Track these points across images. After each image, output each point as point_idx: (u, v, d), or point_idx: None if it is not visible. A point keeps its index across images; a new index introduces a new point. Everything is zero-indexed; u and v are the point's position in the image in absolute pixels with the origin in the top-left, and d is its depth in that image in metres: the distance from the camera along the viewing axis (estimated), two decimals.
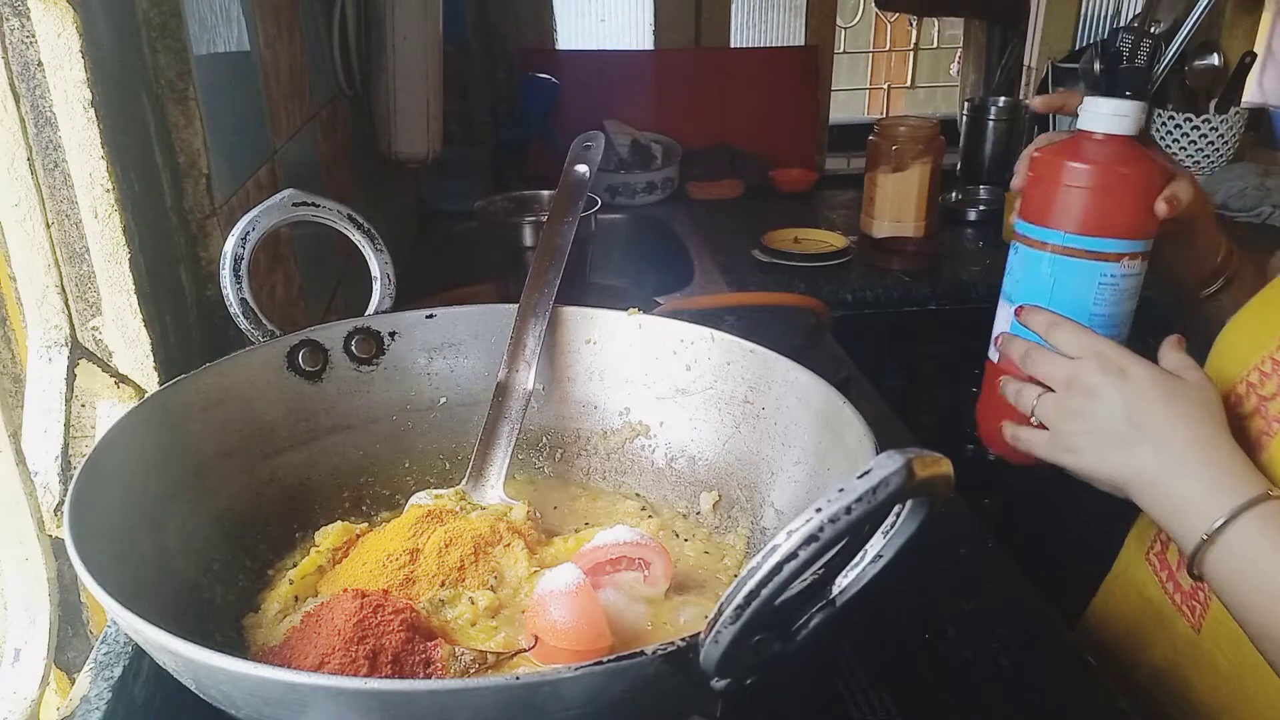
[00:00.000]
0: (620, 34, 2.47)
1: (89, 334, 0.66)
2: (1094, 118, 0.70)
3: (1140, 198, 0.69)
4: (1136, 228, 0.70)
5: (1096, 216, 0.70)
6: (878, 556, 0.40)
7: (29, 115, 0.59)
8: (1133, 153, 0.69)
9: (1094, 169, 0.69)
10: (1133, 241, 0.70)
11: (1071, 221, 0.70)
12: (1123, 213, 0.69)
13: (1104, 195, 0.69)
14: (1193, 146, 1.98)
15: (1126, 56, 1.98)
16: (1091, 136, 0.70)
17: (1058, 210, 0.71)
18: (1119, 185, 0.69)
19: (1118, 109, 0.69)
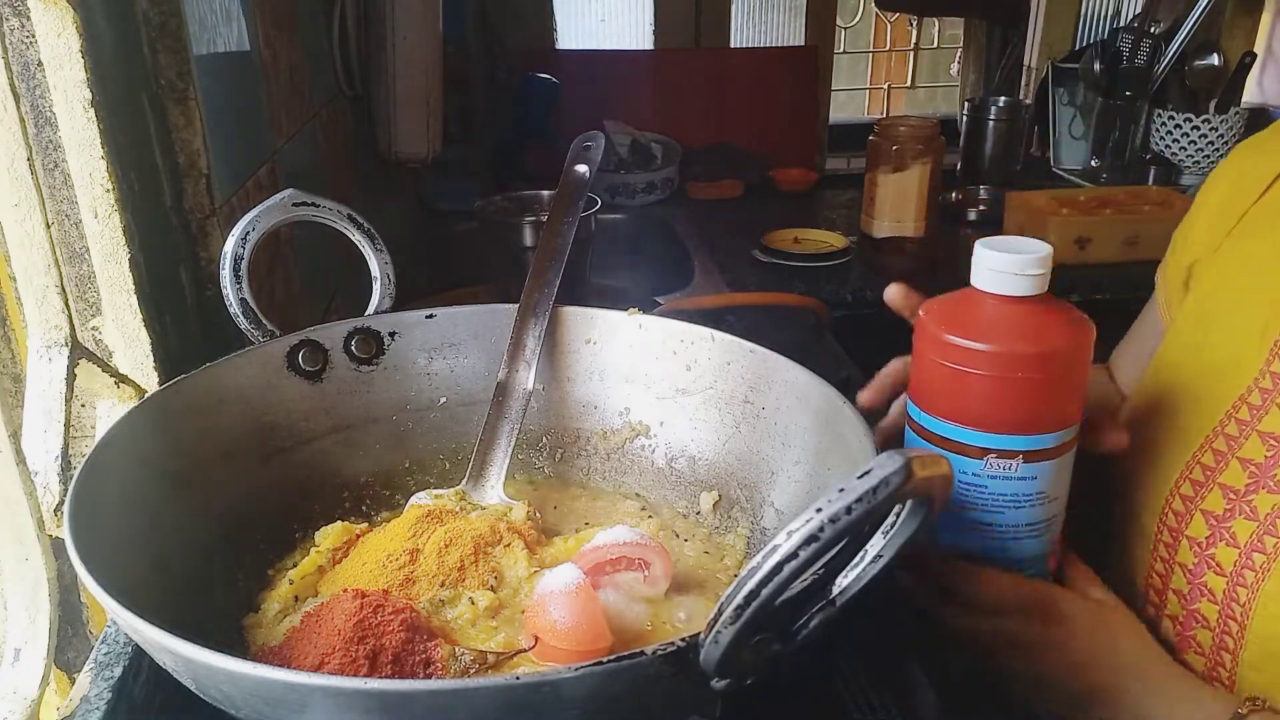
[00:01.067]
0: (620, 34, 2.48)
1: (89, 334, 0.66)
2: (977, 272, 0.55)
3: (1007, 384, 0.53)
4: (1012, 420, 0.54)
5: (935, 389, 0.56)
6: (878, 556, 0.40)
7: (29, 115, 0.59)
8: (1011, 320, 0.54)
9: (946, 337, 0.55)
10: (1004, 436, 0.54)
11: (925, 400, 0.57)
12: (980, 399, 0.54)
13: (953, 373, 0.55)
14: (1192, 146, 1.98)
15: (1126, 56, 1.98)
16: (973, 295, 0.55)
17: (913, 383, 0.58)
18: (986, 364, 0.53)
19: (999, 264, 0.53)
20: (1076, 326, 0.55)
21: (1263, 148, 0.74)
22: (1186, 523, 0.63)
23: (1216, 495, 0.61)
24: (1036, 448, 0.55)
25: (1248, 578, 0.58)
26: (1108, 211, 1.63)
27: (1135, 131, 2.04)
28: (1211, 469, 0.62)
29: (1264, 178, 0.70)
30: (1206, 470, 0.62)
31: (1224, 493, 0.61)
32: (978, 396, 0.54)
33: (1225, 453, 0.61)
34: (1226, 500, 0.61)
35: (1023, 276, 0.53)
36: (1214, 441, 0.62)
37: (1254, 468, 0.60)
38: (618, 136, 2.04)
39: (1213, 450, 0.62)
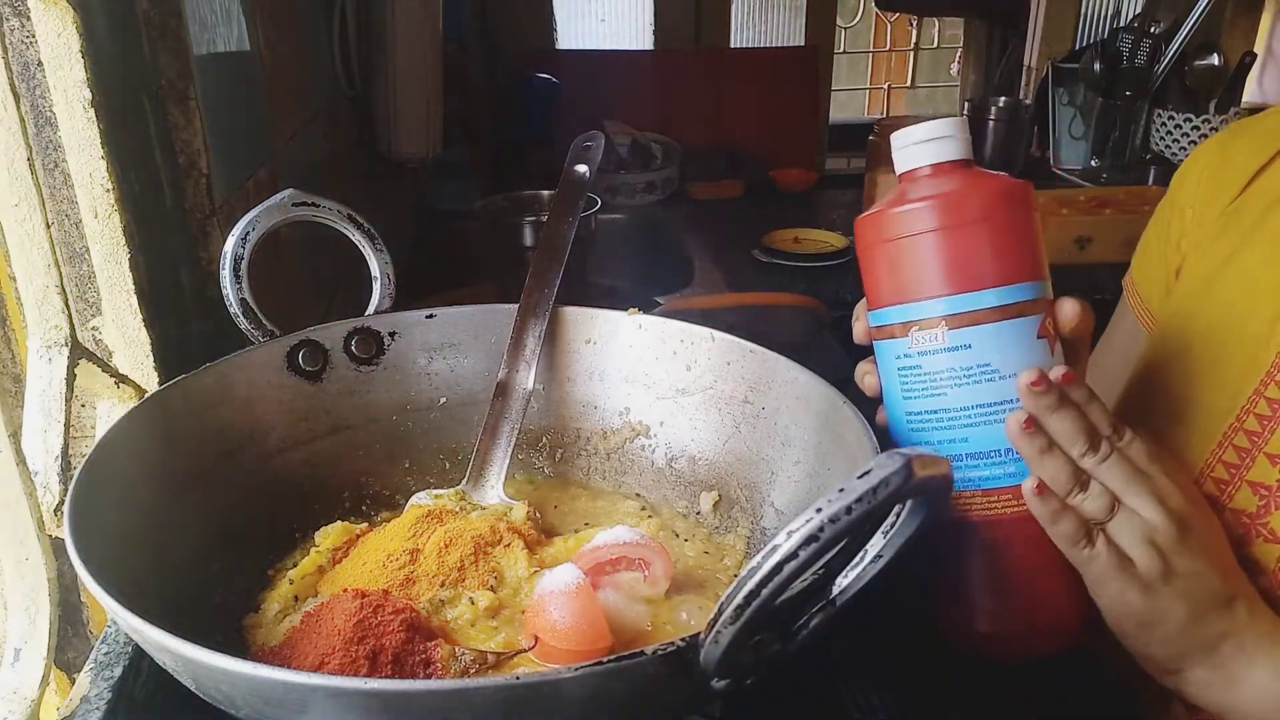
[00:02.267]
0: (620, 34, 2.48)
1: (89, 334, 0.66)
2: (899, 153, 0.54)
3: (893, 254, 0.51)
4: (932, 282, 0.51)
5: (869, 282, 0.54)
6: (878, 556, 0.40)
7: (29, 115, 0.59)
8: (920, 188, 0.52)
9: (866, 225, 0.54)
10: (923, 303, 0.51)
11: (870, 302, 0.54)
12: (899, 270, 0.52)
13: (872, 255, 0.53)
14: (1192, 146, 1.98)
15: (1126, 56, 1.98)
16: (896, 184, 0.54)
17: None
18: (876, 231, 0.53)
19: (900, 140, 0.53)
20: (996, 180, 0.51)
21: (1230, 145, 0.71)
22: None
23: (1230, 518, 0.59)
24: (960, 310, 0.50)
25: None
26: (1108, 211, 1.63)
27: (1135, 131, 2.04)
28: (1225, 482, 0.60)
29: (1241, 173, 0.68)
30: (1220, 484, 0.60)
31: (1236, 516, 0.59)
32: (896, 269, 0.52)
33: (1238, 465, 0.59)
34: (1240, 523, 0.59)
35: (923, 144, 0.52)
36: (1222, 454, 0.60)
37: (1264, 490, 0.58)
38: (618, 136, 2.04)
39: (1223, 464, 0.60)
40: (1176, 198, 0.74)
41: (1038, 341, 0.51)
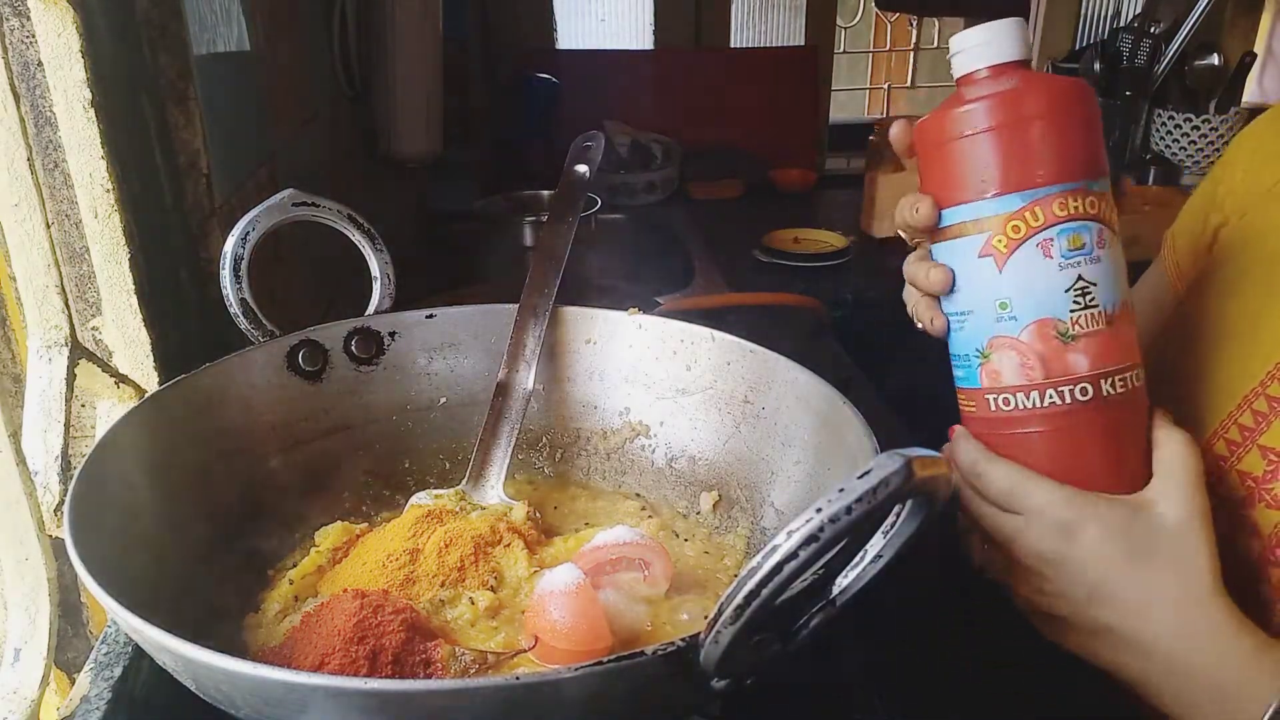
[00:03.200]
0: (620, 34, 2.48)
1: (89, 334, 0.66)
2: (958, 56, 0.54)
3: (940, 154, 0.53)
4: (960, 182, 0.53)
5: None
6: (878, 556, 0.40)
7: (29, 115, 0.59)
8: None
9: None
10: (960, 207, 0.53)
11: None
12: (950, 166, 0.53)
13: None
14: (1192, 146, 1.98)
15: (1126, 56, 1.98)
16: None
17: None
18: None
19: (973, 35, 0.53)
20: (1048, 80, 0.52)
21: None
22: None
23: (1235, 478, 0.59)
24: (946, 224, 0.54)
25: (1273, 575, 0.55)
26: None
27: (1135, 131, 2.04)
28: (1237, 444, 0.59)
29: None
30: (1232, 445, 0.59)
31: (1241, 478, 0.59)
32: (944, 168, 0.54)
33: (1253, 429, 0.59)
34: (1244, 485, 0.58)
35: (962, 54, 0.53)
36: (1240, 417, 0.59)
37: (1274, 456, 0.57)
38: (618, 136, 2.04)
39: (1238, 425, 0.59)
40: (1235, 158, 0.71)
41: (980, 260, 0.53)
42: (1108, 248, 0.52)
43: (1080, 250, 0.52)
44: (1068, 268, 0.52)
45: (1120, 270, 0.53)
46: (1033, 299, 0.52)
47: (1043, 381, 0.53)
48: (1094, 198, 0.52)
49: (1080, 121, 0.52)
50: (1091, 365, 0.52)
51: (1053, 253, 0.52)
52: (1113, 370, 0.52)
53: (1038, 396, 0.53)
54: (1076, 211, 0.51)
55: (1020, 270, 0.52)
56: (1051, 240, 0.52)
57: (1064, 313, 0.52)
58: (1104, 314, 0.52)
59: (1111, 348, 0.52)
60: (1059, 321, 0.52)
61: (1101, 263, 0.52)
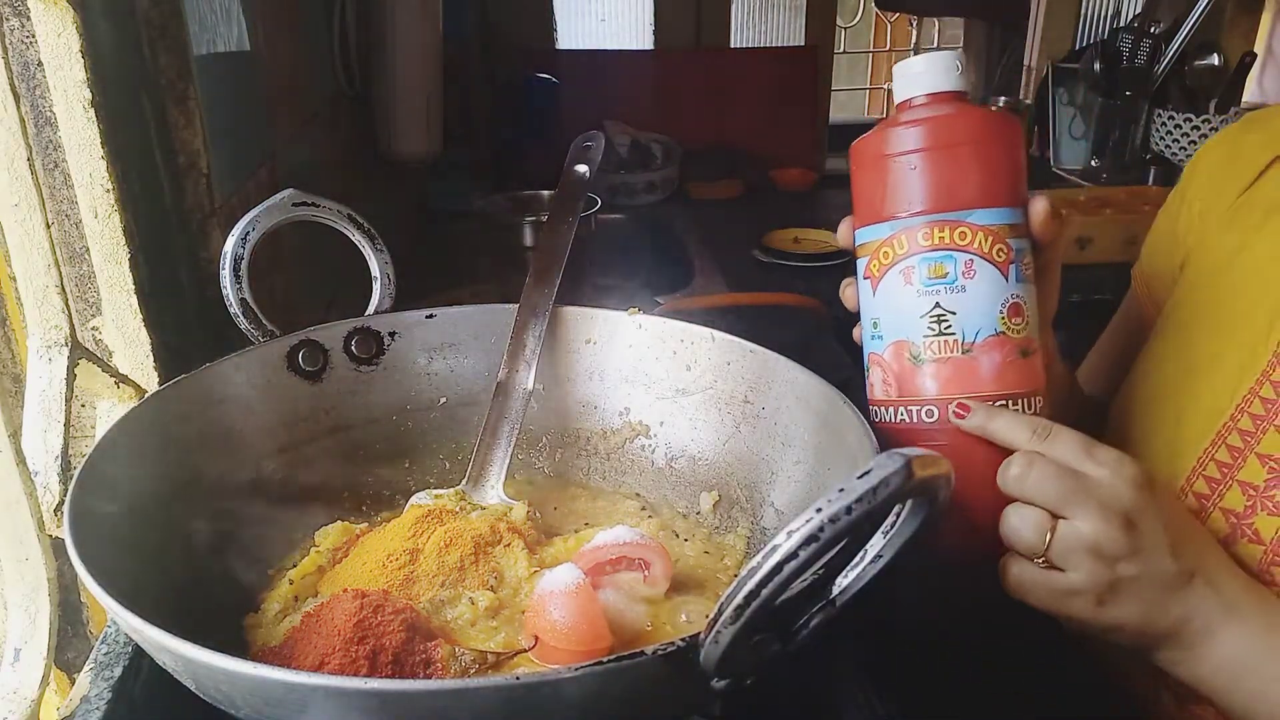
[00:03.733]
0: (620, 34, 2.48)
1: (89, 334, 0.66)
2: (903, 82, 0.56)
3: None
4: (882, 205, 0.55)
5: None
6: (878, 556, 0.40)
7: (29, 115, 0.59)
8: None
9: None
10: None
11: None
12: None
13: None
14: (1192, 146, 1.98)
15: (1126, 56, 1.98)
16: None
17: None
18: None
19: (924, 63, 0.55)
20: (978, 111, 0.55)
21: (1241, 138, 0.70)
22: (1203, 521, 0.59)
23: (1219, 517, 0.59)
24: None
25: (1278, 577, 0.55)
26: (1108, 211, 1.63)
27: (1135, 131, 2.04)
28: (1216, 481, 0.59)
29: (1252, 167, 0.67)
30: (1211, 482, 0.59)
31: (1225, 515, 0.58)
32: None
33: (1230, 465, 0.59)
34: (1228, 523, 0.58)
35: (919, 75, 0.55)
36: (1215, 453, 0.59)
37: (1251, 490, 0.57)
38: (618, 136, 2.04)
39: (1215, 462, 0.59)
40: (1186, 189, 0.73)
41: (864, 281, 0.58)
42: (978, 279, 0.53)
43: (942, 279, 0.53)
44: (926, 294, 0.54)
45: (993, 301, 0.54)
46: (894, 321, 0.55)
47: (896, 399, 0.56)
48: (968, 229, 0.53)
49: (967, 155, 0.53)
50: (939, 390, 0.54)
51: (913, 279, 0.54)
52: (963, 395, 0.54)
53: (892, 413, 0.56)
54: (941, 242, 0.53)
55: (887, 293, 0.55)
56: (913, 268, 0.54)
57: (918, 336, 0.54)
58: (959, 342, 0.54)
59: (964, 375, 0.54)
60: (912, 344, 0.55)
61: (966, 292, 0.53)
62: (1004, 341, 0.54)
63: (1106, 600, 0.50)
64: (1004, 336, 0.54)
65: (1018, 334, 0.54)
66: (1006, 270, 0.54)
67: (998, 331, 0.54)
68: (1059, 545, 0.50)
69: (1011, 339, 0.54)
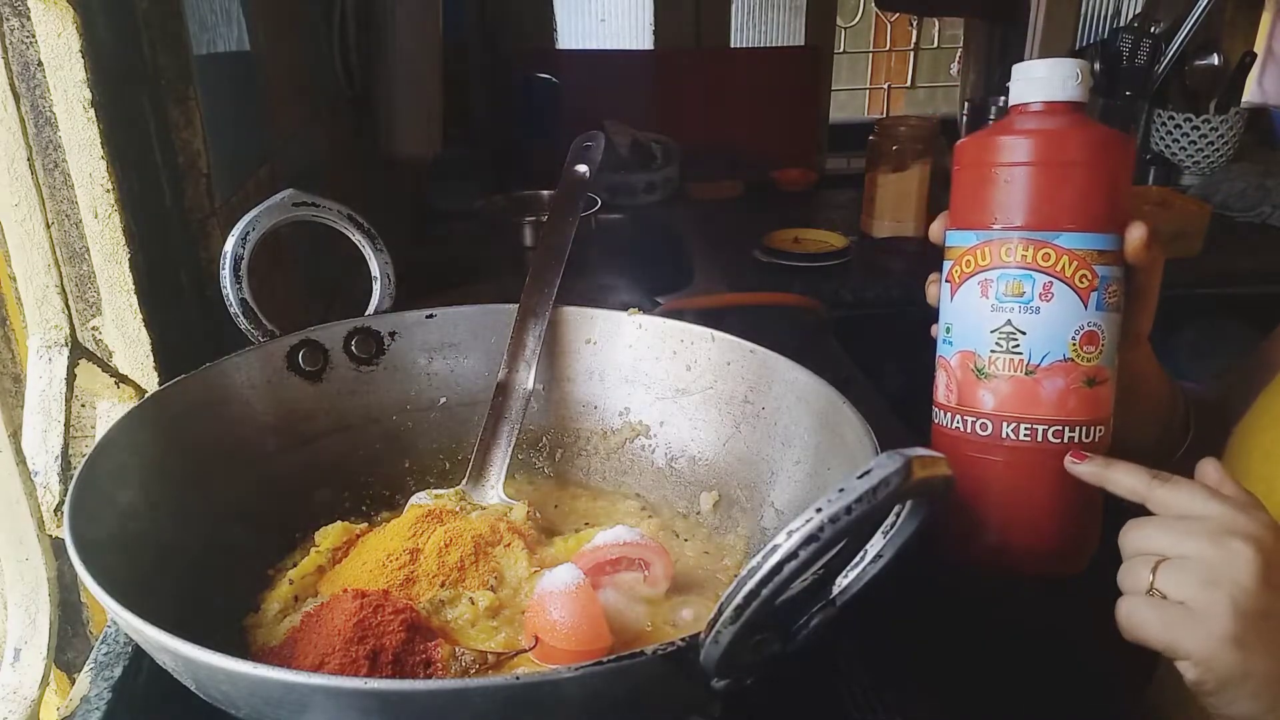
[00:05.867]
0: (620, 34, 2.48)
1: (89, 334, 0.66)
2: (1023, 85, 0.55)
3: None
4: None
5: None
6: (878, 556, 0.40)
7: (29, 115, 0.59)
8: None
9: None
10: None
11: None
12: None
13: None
14: (1192, 146, 1.98)
15: (1126, 56, 1.98)
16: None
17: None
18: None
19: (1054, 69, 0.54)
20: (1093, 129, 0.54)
21: None
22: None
23: None
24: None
25: None
26: None
27: (1135, 131, 2.04)
28: None
29: None
30: None
31: None
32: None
33: None
34: None
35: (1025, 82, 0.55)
36: None
37: None
38: (618, 136, 2.04)
39: None
40: None
41: (945, 284, 0.58)
42: (1055, 302, 0.53)
43: (1018, 297, 0.53)
44: (999, 310, 0.54)
45: (1067, 326, 0.53)
46: (965, 330, 0.56)
47: (955, 406, 0.56)
48: (1053, 250, 0.52)
49: (1065, 175, 0.53)
50: (996, 406, 0.54)
51: (990, 293, 0.54)
52: (1019, 417, 0.53)
53: (949, 418, 0.56)
54: (1024, 260, 0.53)
55: (963, 302, 0.56)
56: (991, 282, 0.54)
57: (985, 350, 0.54)
58: (1025, 363, 0.53)
59: (1023, 396, 0.53)
60: (978, 357, 0.55)
61: (1039, 314, 0.53)
62: (1071, 368, 0.53)
63: (1232, 634, 0.45)
64: (1072, 363, 0.53)
65: (1087, 362, 0.53)
66: (1087, 297, 0.53)
67: (1066, 358, 0.53)
68: (1164, 576, 0.47)
69: (1080, 366, 0.53)
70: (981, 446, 0.55)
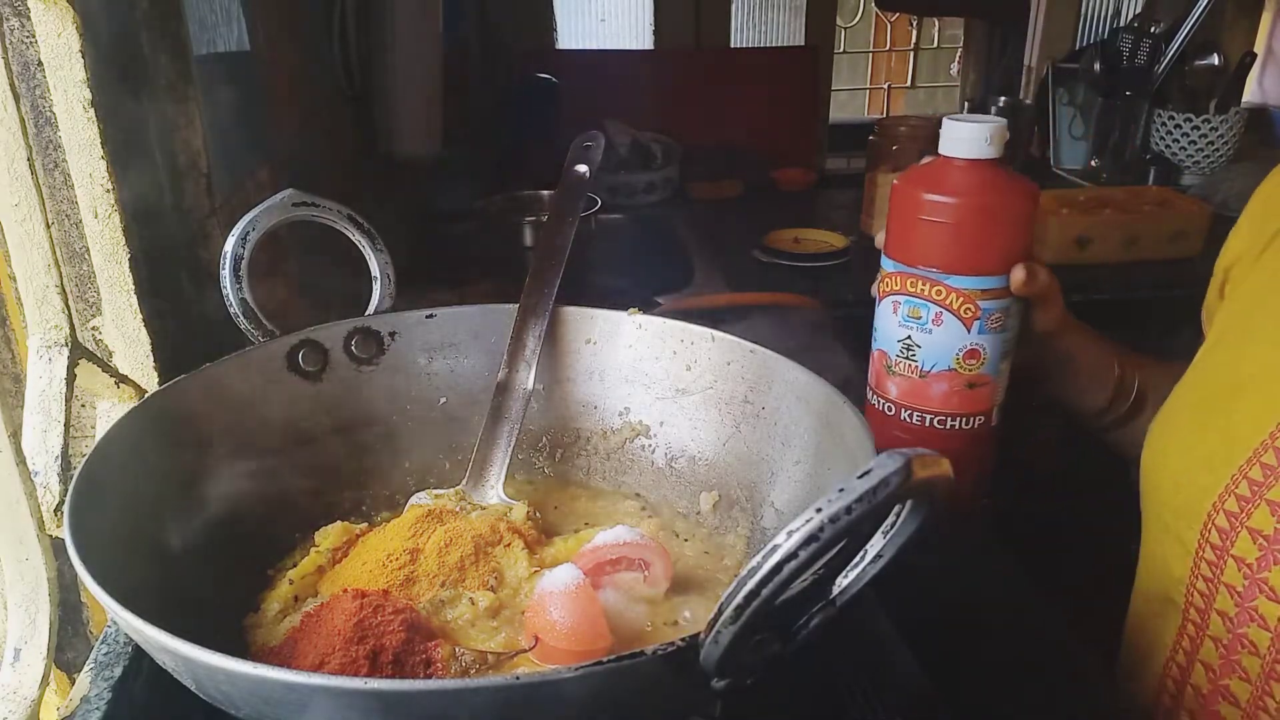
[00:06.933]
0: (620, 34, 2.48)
1: (89, 334, 0.66)
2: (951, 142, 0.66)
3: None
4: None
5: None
6: (878, 556, 0.40)
7: (29, 115, 0.59)
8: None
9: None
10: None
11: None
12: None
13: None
14: (1192, 146, 1.98)
15: (1126, 56, 1.98)
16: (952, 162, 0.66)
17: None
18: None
19: (975, 132, 0.64)
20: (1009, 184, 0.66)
21: None
22: (1232, 541, 0.58)
23: (1264, 513, 0.57)
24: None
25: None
26: (1108, 211, 1.63)
27: (1135, 131, 2.04)
28: (1260, 484, 0.57)
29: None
30: (1254, 484, 0.58)
31: (1273, 510, 0.57)
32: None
33: (1276, 467, 0.57)
34: (1277, 519, 0.56)
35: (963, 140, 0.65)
36: (1263, 455, 0.58)
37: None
38: (618, 136, 2.04)
39: (1261, 465, 0.58)
40: (1251, 203, 0.71)
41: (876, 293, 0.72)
42: (944, 327, 0.67)
43: (916, 320, 0.68)
44: (903, 327, 0.69)
45: (952, 346, 0.67)
46: (882, 334, 0.71)
47: (874, 388, 0.73)
48: (944, 288, 0.66)
49: (957, 229, 0.65)
50: (897, 396, 0.71)
51: (898, 312, 0.69)
52: (915, 408, 0.70)
53: (871, 396, 0.73)
54: (920, 293, 0.67)
55: (882, 312, 0.71)
56: (899, 304, 0.68)
57: (892, 354, 0.70)
58: (918, 368, 0.69)
59: (917, 392, 0.69)
60: (888, 357, 0.70)
61: (931, 335, 0.67)
62: (955, 376, 0.68)
63: None
64: (955, 372, 0.68)
65: (969, 371, 0.68)
66: (970, 324, 0.66)
67: (950, 368, 0.68)
68: None
69: (961, 374, 0.68)
70: (889, 422, 0.71)
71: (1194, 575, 0.62)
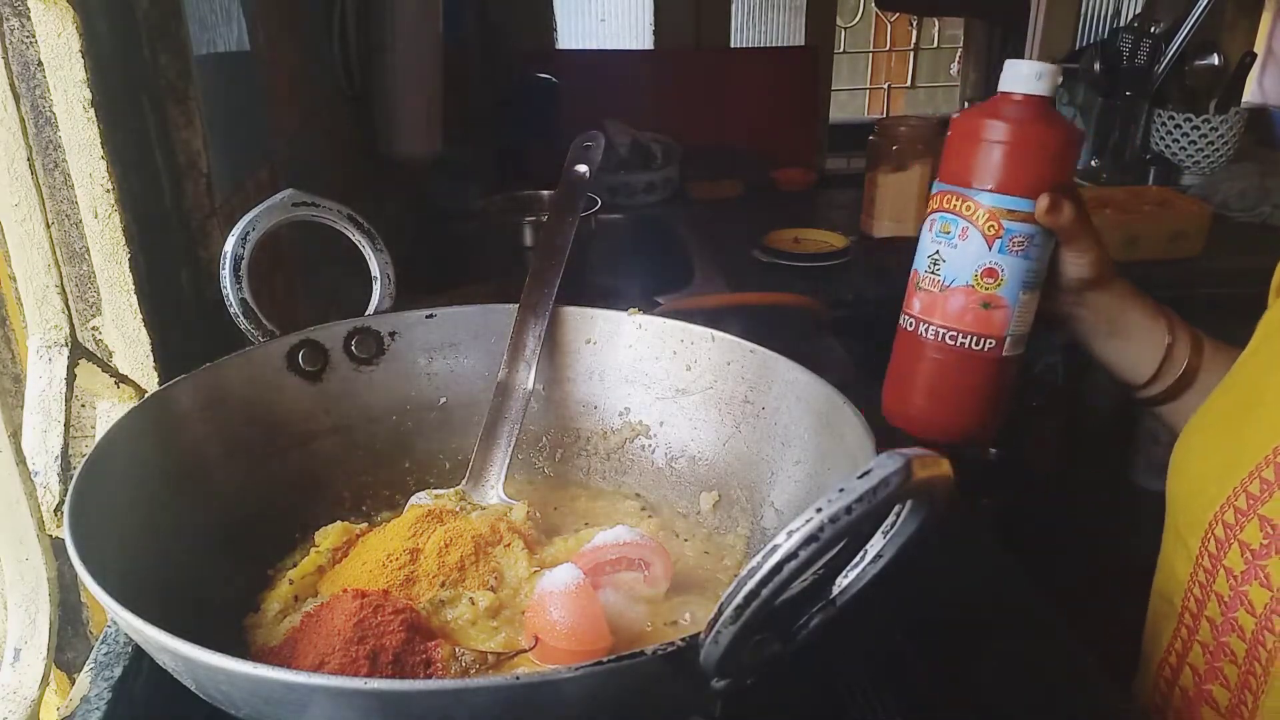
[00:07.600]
0: (620, 34, 2.48)
1: (89, 334, 0.66)
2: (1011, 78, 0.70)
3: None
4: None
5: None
6: (878, 556, 0.40)
7: (29, 115, 0.59)
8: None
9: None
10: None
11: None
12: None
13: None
14: (1193, 146, 1.98)
15: (1126, 56, 1.98)
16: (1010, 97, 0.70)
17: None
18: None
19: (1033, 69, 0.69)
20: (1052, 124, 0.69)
21: None
22: (1226, 551, 0.59)
23: (1255, 527, 0.58)
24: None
25: (1276, 624, 0.55)
26: (1108, 211, 1.63)
27: (1135, 131, 2.04)
28: (1256, 498, 0.58)
29: None
30: (1251, 499, 0.58)
31: (1262, 525, 0.57)
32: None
33: (1272, 483, 0.57)
34: (1264, 534, 0.57)
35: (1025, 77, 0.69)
36: (1263, 470, 0.58)
37: (1270, 528, 0.56)
38: (618, 136, 2.04)
39: (1261, 479, 0.58)
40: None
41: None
42: (970, 241, 0.69)
43: (945, 235, 0.70)
44: (933, 242, 0.71)
45: (973, 261, 0.69)
46: (919, 251, 0.74)
47: (904, 308, 0.75)
48: (973, 203, 0.69)
49: (996, 149, 0.68)
50: (920, 310, 0.73)
51: (933, 229, 0.72)
52: (933, 322, 0.72)
53: (903, 317, 0.75)
54: (952, 208, 0.70)
55: (923, 231, 0.73)
56: (934, 221, 0.72)
57: (923, 270, 0.73)
58: (940, 282, 0.71)
59: (936, 306, 0.71)
60: (919, 274, 0.73)
61: (957, 249, 0.70)
62: (970, 292, 0.70)
63: None
64: (971, 289, 0.70)
65: (985, 290, 0.70)
66: (992, 242, 0.68)
67: (968, 284, 0.70)
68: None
69: (977, 292, 0.70)
70: (912, 339, 0.73)
71: (1192, 581, 0.63)
